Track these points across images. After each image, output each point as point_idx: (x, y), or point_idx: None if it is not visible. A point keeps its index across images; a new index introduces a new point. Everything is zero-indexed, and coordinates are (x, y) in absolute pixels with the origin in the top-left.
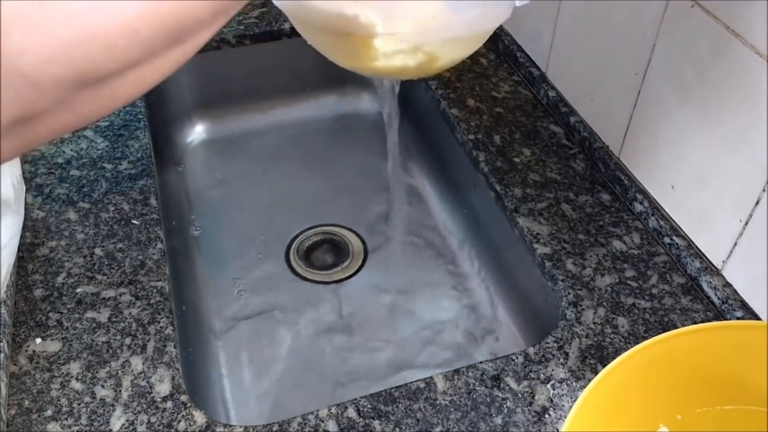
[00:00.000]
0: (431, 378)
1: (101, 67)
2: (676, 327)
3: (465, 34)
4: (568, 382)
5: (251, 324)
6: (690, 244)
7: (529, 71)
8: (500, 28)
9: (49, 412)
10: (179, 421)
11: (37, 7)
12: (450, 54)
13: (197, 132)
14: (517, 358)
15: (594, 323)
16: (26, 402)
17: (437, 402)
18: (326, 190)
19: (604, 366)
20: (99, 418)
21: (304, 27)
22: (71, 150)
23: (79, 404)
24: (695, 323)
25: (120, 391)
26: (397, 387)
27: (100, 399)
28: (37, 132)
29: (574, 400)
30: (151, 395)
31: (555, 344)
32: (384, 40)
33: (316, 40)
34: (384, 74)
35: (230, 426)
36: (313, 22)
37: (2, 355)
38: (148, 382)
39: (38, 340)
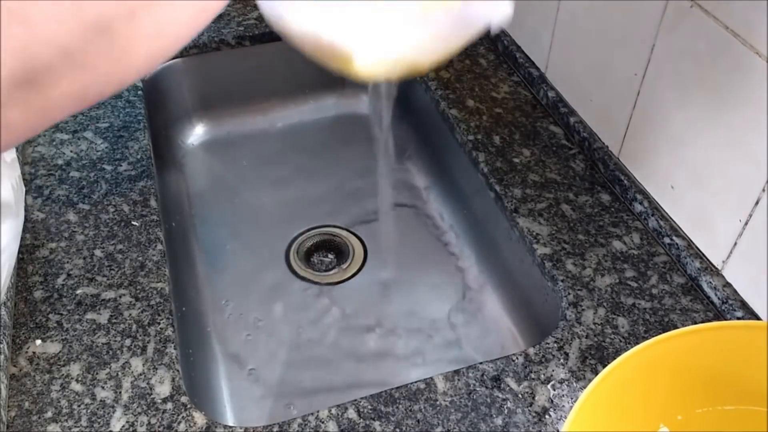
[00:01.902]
0: (431, 379)
1: None
2: (676, 327)
3: (442, 50)
4: (569, 382)
5: (251, 325)
6: (690, 245)
7: (529, 72)
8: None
9: (49, 414)
10: (179, 423)
11: None
12: (433, 58)
13: (197, 133)
14: (517, 358)
15: (594, 323)
16: (26, 404)
17: (437, 403)
18: (326, 192)
19: (604, 366)
20: (99, 420)
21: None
22: (71, 151)
23: (79, 406)
24: (695, 323)
25: (120, 392)
26: (397, 388)
27: (101, 400)
28: (49, 97)
29: (575, 401)
30: (152, 396)
31: (555, 345)
32: (363, 63)
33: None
34: (372, 81)
35: (230, 427)
36: (292, 43)
37: (2, 356)
38: (148, 383)
39: (38, 342)
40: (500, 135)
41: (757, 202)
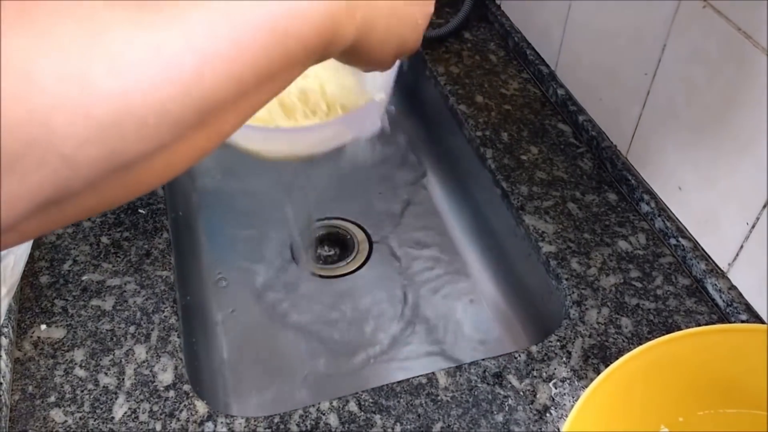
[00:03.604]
0: (433, 374)
1: (132, 147)
2: (680, 328)
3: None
4: (571, 381)
5: (255, 315)
6: (696, 246)
7: (539, 69)
8: (510, 26)
9: (52, 399)
10: (181, 411)
11: (79, 89)
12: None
13: None
14: (519, 356)
15: (597, 323)
16: (30, 388)
17: (439, 398)
18: (331, 184)
19: (606, 366)
20: (102, 406)
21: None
22: None
23: (82, 391)
24: (699, 325)
25: (123, 379)
26: (398, 382)
27: (104, 386)
28: (65, 213)
29: (576, 400)
30: (154, 384)
31: (558, 343)
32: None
33: None
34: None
35: (232, 417)
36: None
37: (7, 340)
38: (151, 370)
39: (43, 327)
40: (508, 132)
41: (764, 205)
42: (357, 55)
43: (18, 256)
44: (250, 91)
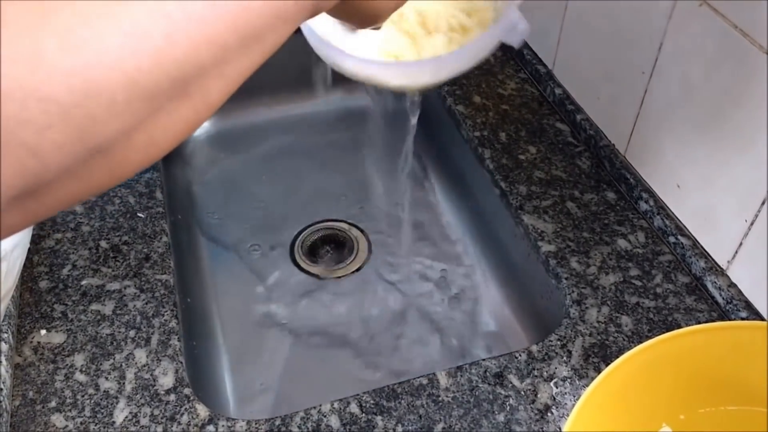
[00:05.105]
0: (434, 374)
1: (104, 127)
2: (680, 326)
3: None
4: (571, 380)
5: (255, 318)
6: (695, 244)
7: (536, 68)
8: None
9: (53, 404)
10: (182, 414)
11: (30, 72)
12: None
13: (203, 126)
14: (520, 355)
15: (598, 322)
16: (30, 393)
17: (440, 398)
18: (331, 186)
19: (607, 365)
20: (102, 410)
21: None
22: None
23: (83, 396)
24: (699, 323)
25: (124, 383)
26: (399, 383)
27: (104, 391)
28: (46, 203)
29: (577, 399)
30: (155, 388)
31: (558, 342)
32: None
33: None
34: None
35: (233, 420)
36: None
37: (7, 346)
38: (151, 374)
39: (43, 332)
40: (506, 132)
41: (763, 203)
42: (357, 7)
43: (12, 262)
44: (233, 54)
